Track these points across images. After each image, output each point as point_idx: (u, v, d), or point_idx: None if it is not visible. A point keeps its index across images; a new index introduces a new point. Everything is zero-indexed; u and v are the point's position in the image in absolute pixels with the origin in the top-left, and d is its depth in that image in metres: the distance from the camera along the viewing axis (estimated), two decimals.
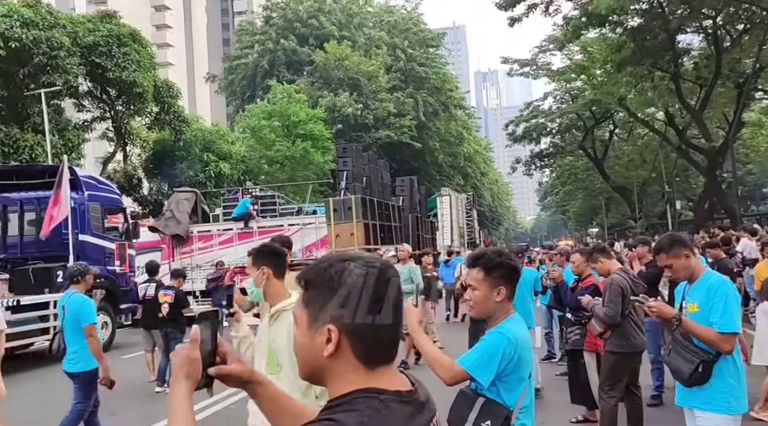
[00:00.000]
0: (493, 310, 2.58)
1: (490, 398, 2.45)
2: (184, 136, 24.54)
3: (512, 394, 2.46)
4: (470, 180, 57.75)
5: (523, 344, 2.50)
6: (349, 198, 15.30)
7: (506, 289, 2.55)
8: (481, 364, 2.46)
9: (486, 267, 2.54)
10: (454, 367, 2.53)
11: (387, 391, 1.16)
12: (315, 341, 1.17)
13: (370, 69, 39.52)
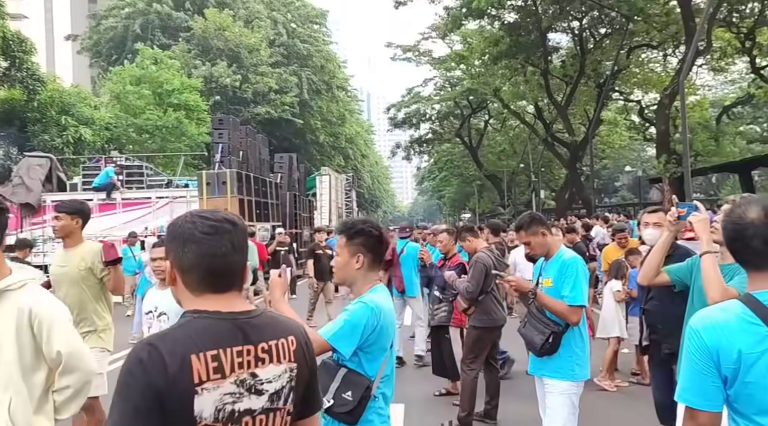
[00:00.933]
0: (353, 278, 2.55)
1: (351, 368, 2.42)
2: (38, 97, 22.24)
3: (374, 364, 2.43)
4: (351, 161, 58.05)
5: (386, 314, 2.46)
6: (223, 171, 14.71)
7: (366, 257, 2.51)
8: (344, 334, 2.40)
9: (348, 233, 2.53)
10: (317, 338, 2.42)
11: (203, 311, 1.49)
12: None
13: (252, 41, 38.26)
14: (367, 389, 2.38)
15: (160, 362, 1.38)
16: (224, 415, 1.44)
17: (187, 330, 1.46)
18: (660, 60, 32.34)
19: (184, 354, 1.40)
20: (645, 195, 41.09)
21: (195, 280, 1.52)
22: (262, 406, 1.51)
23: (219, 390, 1.43)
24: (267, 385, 1.51)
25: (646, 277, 3.25)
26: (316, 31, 48.12)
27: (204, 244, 1.50)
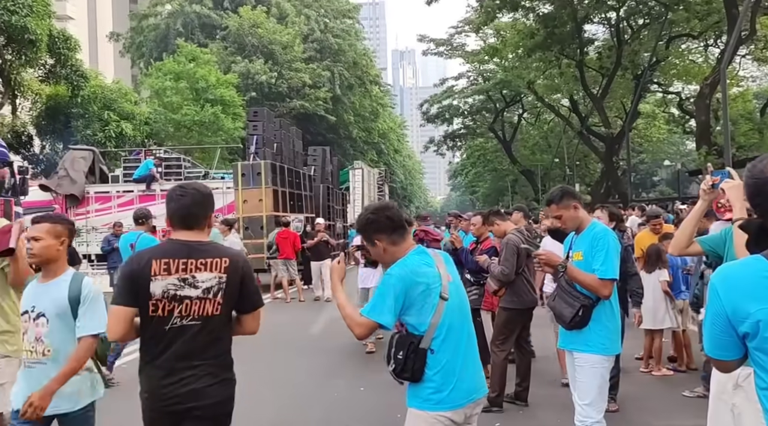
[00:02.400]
0: (389, 260, 2.64)
1: (403, 331, 2.55)
2: (82, 93, 22.89)
3: (421, 320, 2.50)
4: (384, 156, 58.14)
5: (417, 272, 2.53)
6: (258, 163, 14.93)
7: (385, 240, 2.63)
8: (376, 306, 2.51)
9: (360, 231, 2.78)
10: (359, 318, 2.55)
11: (171, 239, 2.61)
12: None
13: (285, 38, 38.63)
14: (411, 345, 2.48)
15: (137, 261, 2.56)
16: (168, 296, 2.50)
17: (158, 246, 2.75)
18: (701, 50, 31.57)
19: (149, 258, 2.54)
20: (684, 189, 40.16)
21: (172, 223, 2.61)
22: (197, 295, 2.53)
23: (165, 281, 2.50)
24: (201, 283, 2.54)
25: (678, 247, 3.22)
26: (349, 26, 48.26)
27: (177, 201, 2.60)
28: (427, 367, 2.49)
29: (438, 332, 2.50)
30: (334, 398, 5.92)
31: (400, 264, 2.56)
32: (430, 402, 2.51)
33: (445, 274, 2.59)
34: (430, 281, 2.53)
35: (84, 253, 16.26)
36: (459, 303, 2.62)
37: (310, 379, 6.59)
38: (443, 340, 2.51)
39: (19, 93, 22.32)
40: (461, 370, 2.53)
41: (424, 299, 2.50)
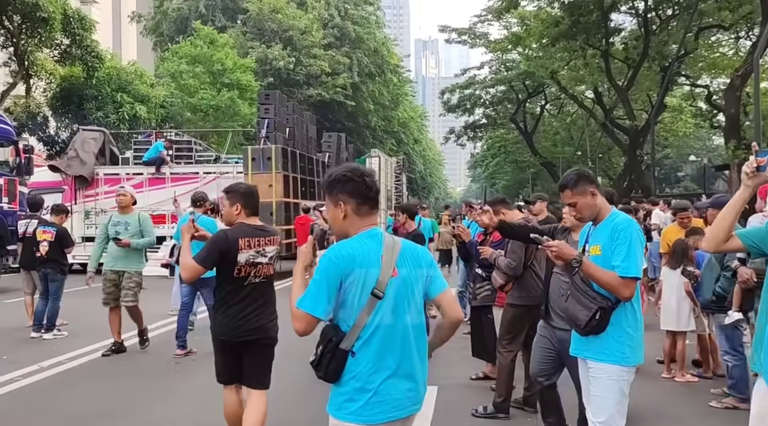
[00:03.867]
0: (344, 230, 2.33)
1: (330, 322, 2.27)
2: (97, 74, 22.69)
3: (345, 316, 2.22)
4: (403, 146, 57.59)
5: (353, 259, 2.20)
6: (269, 147, 14.53)
7: (349, 204, 2.31)
8: (309, 295, 2.21)
9: (326, 185, 2.38)
10: (295, 310, 2.23)
11: (243, 224, 3.81)
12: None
13: (304, 23, 38.19)
14: (330, 342, 2.21)
15: (225, 238, 3.70)
16: (249, 263, 3.70)
17: (240, 229, 3.76)
18: (731, 43, 30.43)
19: (237, 237, 3.69)
20: (710, 186, 39.08)
21: (247, 211, 3.82)
22: (265, 262, 3.78)
23: (248, 253, 3.69)
24: (267, 254, 3.79)
25: (715, 241, 2.67)
26: (369, 13, 47.63)
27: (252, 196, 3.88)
28: (345, 371, 2.20)
29: (363, 334, 2.20)
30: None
31: (338, 245, 2.27)
32: (343, 411, 2.22)
33: (390, 268, 2.24)
34: (365, 272, 2.21)
35: (92, 235, 16.07)
36: (397, 305, 2.25)
37: (297, 384, 6.19)
38: (366, 344, 2.20)
39: (33, 73, 22.19)
40: (384, 383, 2.20)
41: (354, 292, 2.20)
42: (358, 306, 2.20)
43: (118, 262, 6.75)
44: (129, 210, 6.94)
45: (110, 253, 6.79)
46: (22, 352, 6.95)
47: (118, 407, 5.08)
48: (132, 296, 6.77)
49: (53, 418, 4.88)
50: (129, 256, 6.78)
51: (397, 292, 2.25)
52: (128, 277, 6.78)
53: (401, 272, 2.27)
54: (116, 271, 6.76)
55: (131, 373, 6.19)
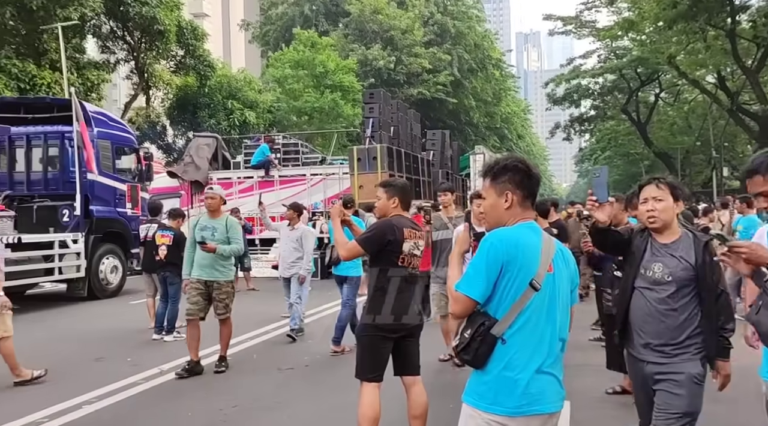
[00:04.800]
0: (504, 219, 2.31)
1: (480, 309, 2.23)
2: (209, 82, 23.72)
3: (500, 304, 2.18)
4: (506, 142, 56.26)
5: (516, 247, 2.18)
6: (374, 147, 14.38)
7: (516, 194, 2.29)
8: (466, 278, 2.21)
9: (492, 172, 2.33)
10: (454, 293, 2.24)
11: (402, 216, 3.96)
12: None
13: (405, 23, 38.14)
14: (482, 325, 2.17)
15: (392, 226, 3.80)
16: (409, 253, 3.82)
17: (401, 220, 3.86)
18: None
19: (402, 227, 3.80)
20: None
21: (402, 206, 3.97)
22: (418, 254, 3.89)
23: (409, 243, 3.80)
24: (420, 247, 3.89)
25: None
26: (469, 7, 46.85)
27: (407, 190, 4.11)
28: (492, 358, 2.18)
29: (516, 322, 2.17)
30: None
31: (501, 231, 2.25)
32: (484, 400, 2.18)
33: (547, 262, 2.23)
34: (527, 262, 2.18)
35: None
36: (551, 300, 2.23)
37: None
38: (518, 333, 2.17)
39: (152, 84, 23.52)
40: (532, 375, 2.16)
41: (512, 279, 2.17)
42: (514, 294, 2.17)
43: (205, 271, 6.21)
44: (218, 214, 6.34)
45: (197, 261, 6.24)
46: (145, 354, 7.11)
47: (235, 415, 4.97)
48: (224, 309, 6.28)
49: (174, 423, 4.84)
50: (216, 264, 6.22)
51: (552, 287, 2.23)
52: (218, 287, 6.24)
53: (556, 269, 2.25)
54: (204, 281, 6.22)
55: (245, 375, 6.11)
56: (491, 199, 2.32)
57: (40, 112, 12.34)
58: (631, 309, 2.90)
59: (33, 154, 12.20)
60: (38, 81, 17.38)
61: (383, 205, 3.94)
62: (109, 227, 12.13)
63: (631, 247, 2.95)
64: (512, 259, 2.15)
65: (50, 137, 12.03)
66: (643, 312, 2.84)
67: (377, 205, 4.05)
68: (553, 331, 2.22)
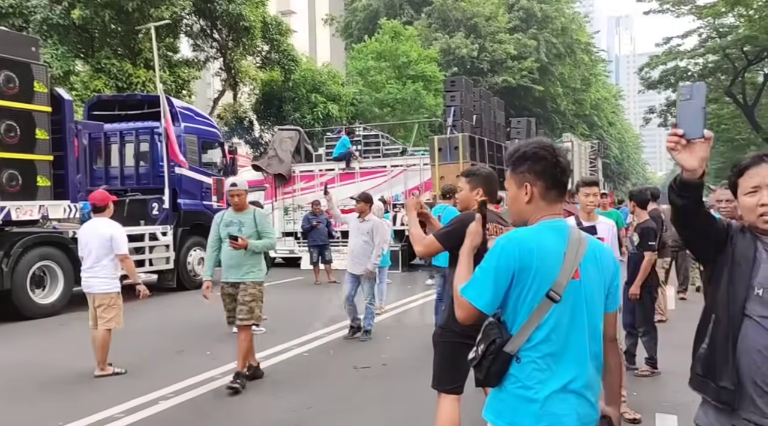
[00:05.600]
0: (525, 213, 2.05)
1: (495, 318, 2.00)
2: (293, 77, 24.04)
3: (513, 317, 1.95)
4: (596, 130, 53.94)
5: (532, 251, 1.91)
6: (455, 136, 13.99)
7: (536, 186, 2.01)
8: (473, 283, 1.97)
9: (511, 160, 2.08)
10: (459, 297, 2.00)
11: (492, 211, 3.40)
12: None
13: (489, 9, 37.16)
14: (492, 342, 1.94)
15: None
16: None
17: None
18: None
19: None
20: None
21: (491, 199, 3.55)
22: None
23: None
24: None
25: None
26: None
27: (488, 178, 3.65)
28: (508, 376, 1.95)
29: (532, 338, 1.92)
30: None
31: (516, 233, 1.99)
32: (503, 418, 1.97)
33: (572, 268, 1.93)
34: (544, 270, 1.90)
35: (290, 230, 16.89)
36: (576, 312, 1.93)
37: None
38: (535, 350, 1.92)
39: (239, 80, 24.10)
40: (551, 396, 1.90)
41: (526, 289, 1.91)
42: (529, 306, 1.91)
43: (231, 272, 5.60)
44: (245, 207, 5.69)
45: (225, 262, 5.64)
46: (223, 347, 7.14)
47: (309, 417, 4.81)
48: (246, 313, 5.50)
49: (246, 421, 4.74)
50: (244, 263, 5.56)
51: (577, 297, 1.94)
52: (243, 288, 5.53)
53: (584, 275, 1.96)
54: (232, 283, 5.62)
55: (321, 372, 5.98)
56: (511, 191, 2.07)
57: (133, 109, 12.82)
58: (741, 349, 1.91)
59: (126, 150, 12.71)
60: (134, 79, 18.19)
61: (466, 196, 3.59)
62: (196, 220, 12.45)
63: (731, 250, 1.98)
64: (526, 267, 1.89)
65: (141, 133, 12.48)
66: (765, 353, 1.88)
67: (459, 197, 3.73)
68: (581, 346, 1.94)
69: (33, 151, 9.48)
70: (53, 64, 17.24)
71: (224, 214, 5.72)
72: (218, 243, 5.68)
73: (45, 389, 5.67)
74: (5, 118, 9.07)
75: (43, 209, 9.63)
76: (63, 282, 9.78)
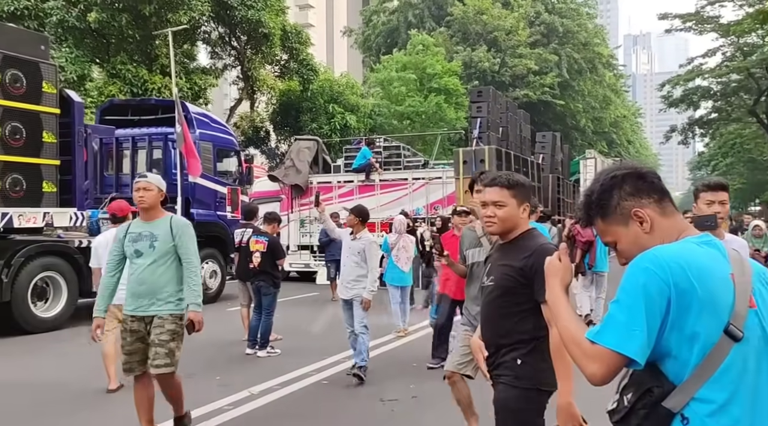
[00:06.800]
0: (646, 245, 1.52)
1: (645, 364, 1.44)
2: (311, 86, 23.61)
3: (676, 360, 1.42)
4: (615, 147, 53.27)
5: (691, 272, 1.40)
6: (482, 148, 13.36)
7: (649, 208, 1.56)
8: (612, 325, 1.43)
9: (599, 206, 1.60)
10: (587, 348, 1.46)
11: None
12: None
13: (510, 23, 36.75)
14: (647, 394, 1.43)
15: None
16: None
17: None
18: None
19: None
20: None
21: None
22: None
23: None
24: None
25: None
26: (579, 5, 44.71)
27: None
28: None
29: (705, 392, 1.39)
30: None
31: (658, 250, 1.45)
32: None
33: (746, 294, 1.42)
34: (713, 297, 1.39)
35: (306, 243, 16.28)
36: (761, 352, 1.42)
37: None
38: (707, 404, 1.39)
39: (257, 88, 23.69)
40: None
41: (691, 324, 1.39)
42: (700, 349, 1.40)
43: (140, 302, 4.06)
44: (156, 214, 4.13)
45: (130, 288, 4.10)
46: (235, 372, 6.50)
47: None
48: (165, 358, 4.00)
49: None
50: (160, 290, 4.04)
51: (759, 331, 1.43)
52: (159, 324, 4.02)
53: (759, 303, 1.45)
54: (141, 316, 4.08)
55: (343, 402, 5.32)
56: (625, 238, 1.59)
57: (146, 114, 12.33)
58: None
59: (138, 156, 12.20)
60: (149, 86, 17.80)
61: (511, 215, 2.72)
62: (208, 231, 11.88)
63: None
64: (685, 291, 1.39)
65: (154, 139, 11.98)
66: None
67: (499, 214, 2.74)
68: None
69: (39, 155, 8.97)
70: (68, 67, 16.88)
71: (129, 226, 4.18)
72: (120, 265, 4.16)
73: (42, 411, 5.06)
74: (11, 119, 8.59)
75: (47, 216, 9.10)
76: (67, 294, 9.21)
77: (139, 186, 4.04)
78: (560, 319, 1.58)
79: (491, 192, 2.69)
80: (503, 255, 2.71)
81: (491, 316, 2.71)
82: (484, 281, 2.75)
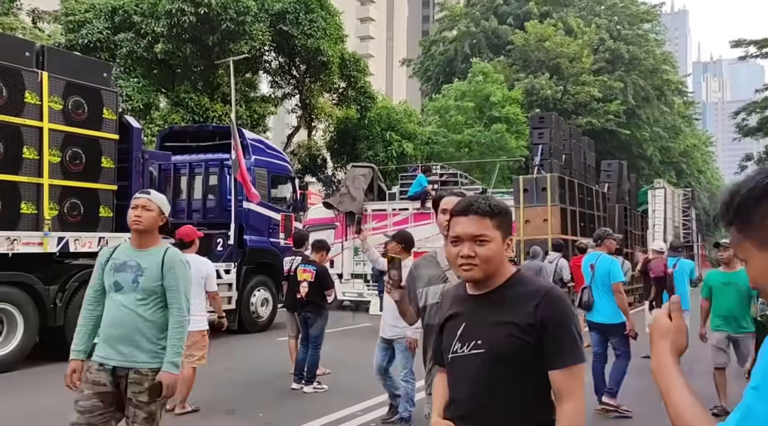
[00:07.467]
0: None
1: None
2: (369, 114, 23.60)
3: None
4: (684, 178, 50.93)
5: None
6: (544, 176, 12.79)
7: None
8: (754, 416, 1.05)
9: (744, 214, 1.18)
10: None
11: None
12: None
13: (573, 50, 35.97)
14: None
15: None
16: None
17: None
18: None
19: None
20: None
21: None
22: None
23: None
24: None
25: None
26: (647, 31, 43.40)
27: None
28: None
29: None
30: None
31: None
32: None
33: None
34: None
35: (360, 272, 15.97)
36: None
37: None
38: None
39: (315, 116, 23.87)
40: None
41: None
42: None
43: (113, 349, 3.20)
44: (151, 240, 3.34)
45: (104, 329, 3.26)
46: (279, 408, 6.18)
47: None
48: (142, 424, 3.15)
49: None
50: (137, 336, 3.18)
51: None
52: (136, 381, 3.16)
53: None
54: (112, 368, 3.20)
55: None
56: (756, 258, 1.17)
57: (204, 141, 12.43)
58: None
59: (195, 182, 12.26)
60: (210, 113, 18.16)
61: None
62: (261, 258, 11.75)
63: None
64: None
65: (210, 165, 12.02)
66: None
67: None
68: None
69: (97, 180, 9.05)
70: (134, 96, 17.40)
71: (114, 251, 3.34)
72: (101, 297, 3.30)
73: None
74: (71, 145, 8.71)
75: (103, 241, 9.13)
76: None
77: (137, 203, 3.28)
78: (671, 401, 1.20)
79: (467, 223, 1.90)
80: (492, 310, 1.89)
81: (483, 399, 1.86)
82: (458, 349, 1.91)
